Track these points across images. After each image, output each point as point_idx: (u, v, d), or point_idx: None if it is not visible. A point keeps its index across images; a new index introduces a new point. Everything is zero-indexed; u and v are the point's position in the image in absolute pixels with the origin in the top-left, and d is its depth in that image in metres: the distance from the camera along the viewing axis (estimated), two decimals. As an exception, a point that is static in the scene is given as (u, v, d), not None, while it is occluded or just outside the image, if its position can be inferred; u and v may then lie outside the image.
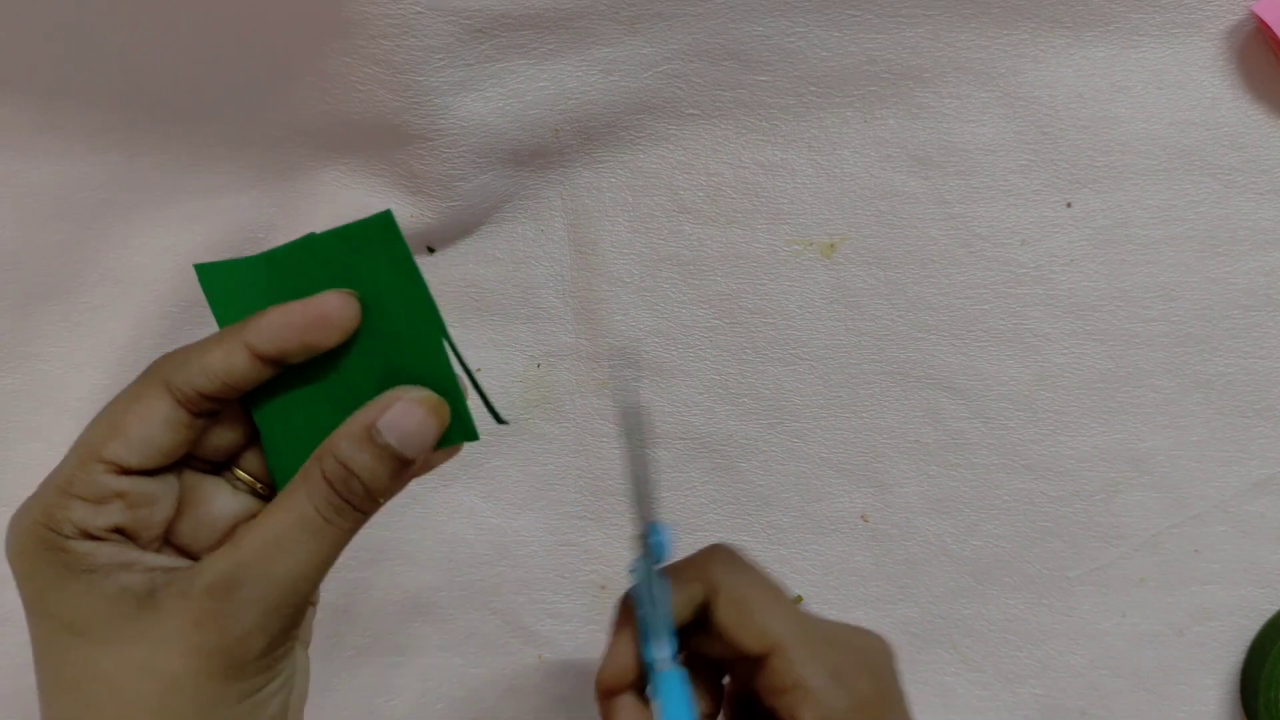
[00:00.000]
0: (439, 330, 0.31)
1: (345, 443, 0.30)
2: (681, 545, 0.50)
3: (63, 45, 0.46)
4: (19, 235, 0.49)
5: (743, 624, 0.34)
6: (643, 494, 0.35)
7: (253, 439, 0.33)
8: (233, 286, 0.32)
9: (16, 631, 0.49)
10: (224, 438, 0.33)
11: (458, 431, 0.32)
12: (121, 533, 0.30)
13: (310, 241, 0.31)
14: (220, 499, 0.33)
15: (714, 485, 0.50)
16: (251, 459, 0.34)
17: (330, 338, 0.31)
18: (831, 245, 0.49)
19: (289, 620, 0.30)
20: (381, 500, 0.31)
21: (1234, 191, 0.48)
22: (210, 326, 0.51)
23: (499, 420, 0.33)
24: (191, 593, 0.29)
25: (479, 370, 0.50)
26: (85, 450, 0.30)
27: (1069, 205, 0.48)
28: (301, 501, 0.30)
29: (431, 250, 0.50)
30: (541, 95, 0.47)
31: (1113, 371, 0.49)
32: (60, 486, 0.30)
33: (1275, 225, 0.48)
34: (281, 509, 0.30)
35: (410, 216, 0.49)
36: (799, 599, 0.50)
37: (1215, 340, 0.48)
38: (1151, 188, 0.48)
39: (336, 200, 0.49)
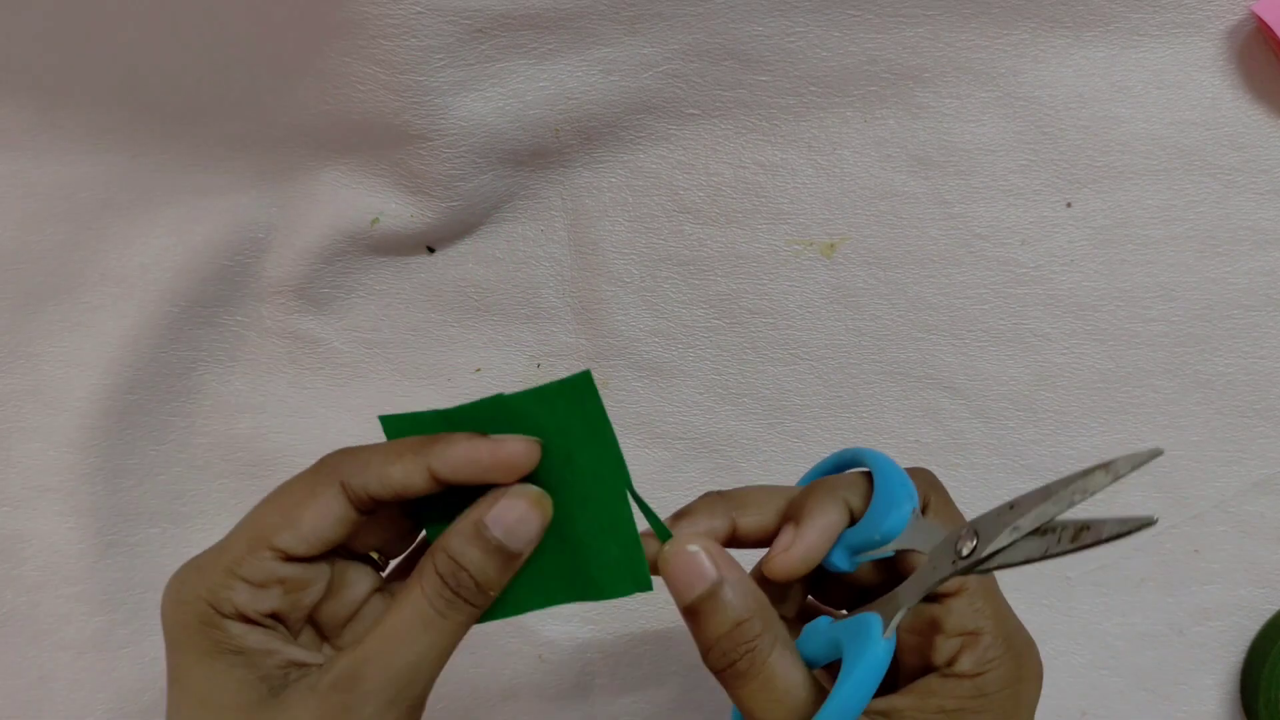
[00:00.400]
0: (624, 483, 0.32)
1: (456, 539, 0.32)
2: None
3: (63, 45, 0.47)
4: (20, 235, 0.49)
5: None
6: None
7: (400, 538, 0.35)
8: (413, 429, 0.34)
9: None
10: (378, 537, 0.35)
11: (631, 581, 0.33)
12: (274, 615, 0.32)
13: (500, 400, 0.33)
14: (358, 580, 0.35)
15: (714, 485, 0.50)
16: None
17: (508, 479, 0.32)
18: (831, 245, 0.49)
19: (406, 715, 0.32)
20: (491, 594, 0.32)
21: (1234, 191, 0.48)
22: (211, 326, 0.51)
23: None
24: (318, 687, 0.31)
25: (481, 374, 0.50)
26: (256, 536, 0.32)
27: (1069, 205, 0.48)
28: (417, 597, 0.32)
29: (431, 250, 0.50)
30: (541, 95, 0.47)
31: (1113, 371, 0.49)
32: (228, 567, 0.31)
33: (1275, 225, 0.48)
34: (399, 606, 0.32)
35: (410, 216, 0.49)
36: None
37: (1215, 340, 0.48)
38: (1151, 188, 0.48)
39: (337, 200, 0.49)
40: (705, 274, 0.50)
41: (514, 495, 0.32)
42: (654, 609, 0.51)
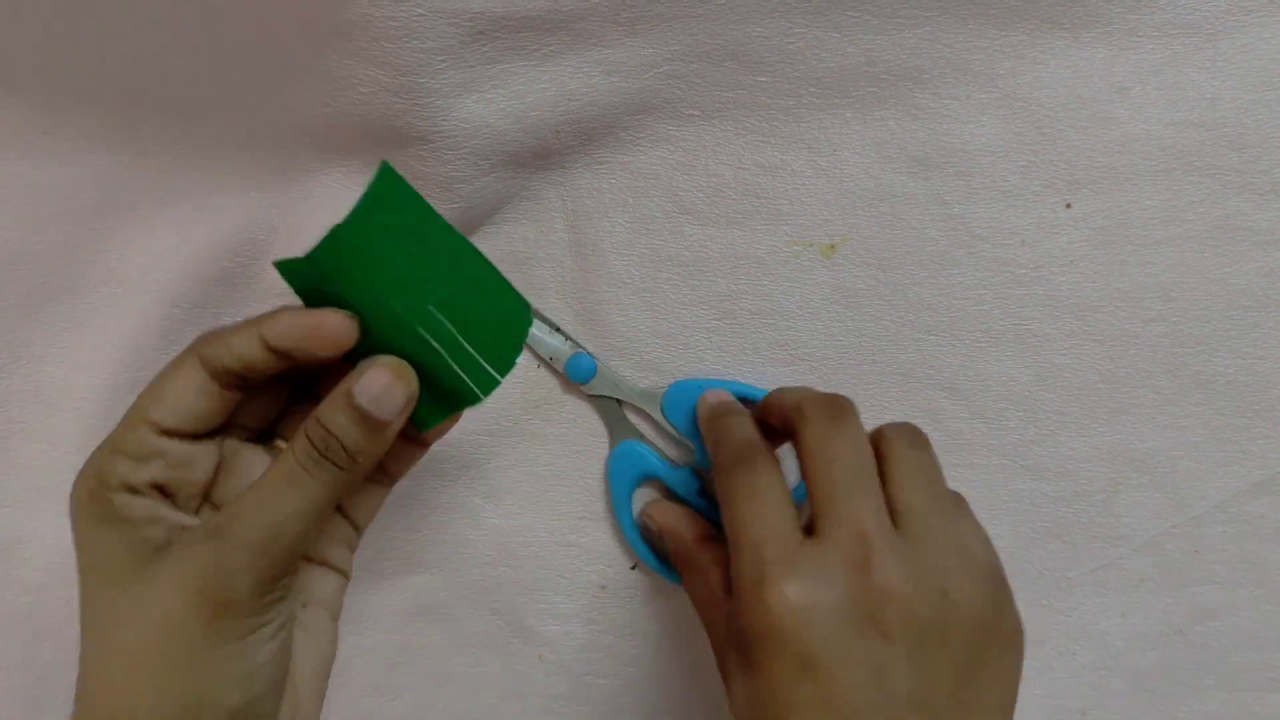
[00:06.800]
0: (469, 250, 0.36)
1: (326, 406, 0.35)
2: (682, 545, 0.50)
3: (64, 46, 0.47)
4: (21, 236, 0.49)
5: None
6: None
7: (290, 410, 0.39)
8: (302, 278, 0.36)
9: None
10: (260, 411, 0.38)
11: (519, 337, 0.38)
12: (162, 490, 0.35)
13: (336, 231, 0.35)
14: (259, 466, 0.37)
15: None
16: (293, 427, 0.39)
17: (324, 350, 0.35)
18: (831, 246, 0.49)
19: (276, 565, 0.34)
20: (361, 460, 0.35)
21: (1234, 191, 0.48)
22: (205, 327, 0.51)
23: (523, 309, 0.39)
24: (194, 539, 0.33)
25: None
26: (134, 412, 0.35)
27: (1068, 206, 0.48)
28: (287, 458, 0.34)
29: (432, 251, 0.50)
30: (543, 97, 0.47)
31: (1113, 371, 0.49)
32: (110, 445, 0.34)
33: (1275, 225, 0.48)
34: (271, 467, 0.35)
35: (411, 217, 0.49)
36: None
37: (1215, 340, 0.48)
38: (1151, 188, 0.48)
39: (337, 201, 0.49)
40: (705, 275, 0.50)
41: (379, 366, 0.35)
42: (654, 610, 0.51)
